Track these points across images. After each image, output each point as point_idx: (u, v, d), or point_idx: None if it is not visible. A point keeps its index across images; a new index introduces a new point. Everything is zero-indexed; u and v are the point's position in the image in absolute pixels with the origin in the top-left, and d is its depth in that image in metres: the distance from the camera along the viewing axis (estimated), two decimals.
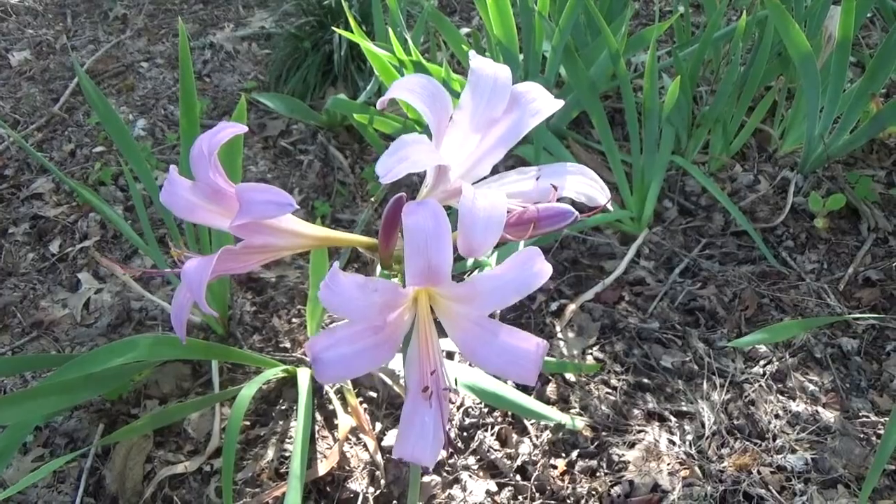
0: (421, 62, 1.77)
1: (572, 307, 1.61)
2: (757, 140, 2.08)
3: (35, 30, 2.87)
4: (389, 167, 0.36)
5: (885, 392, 1.45)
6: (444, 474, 1.34)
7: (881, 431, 1.36)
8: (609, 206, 0.43)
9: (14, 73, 2.60)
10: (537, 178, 0.43)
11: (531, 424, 1.41)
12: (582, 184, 0.43)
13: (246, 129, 0.43)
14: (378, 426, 1.43)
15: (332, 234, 0.48)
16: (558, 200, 0.42)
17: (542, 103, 0.44)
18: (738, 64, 1.81)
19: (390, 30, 1.79)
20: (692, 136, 1.97)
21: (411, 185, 1.83)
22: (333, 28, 2.08)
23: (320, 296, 0.38)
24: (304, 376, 1.40)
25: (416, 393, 0.40)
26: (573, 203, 0.43)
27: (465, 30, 2.27)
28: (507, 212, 0.41)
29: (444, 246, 0.37)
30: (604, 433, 1.39)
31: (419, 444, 0.40)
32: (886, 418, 1.38)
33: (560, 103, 0.44)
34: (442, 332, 0.45)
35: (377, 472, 1.34)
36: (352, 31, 1.83)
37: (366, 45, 1.78)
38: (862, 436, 1.36)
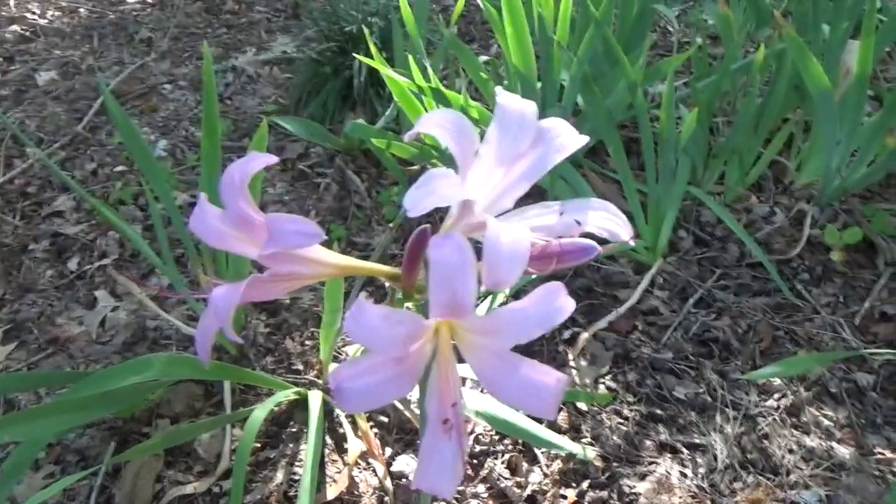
0: (440, 89, 1.79)
1: (585, 336, 1.61)
2: (773, 172, 2.08)
3: (62, 51, 2.93)
4: (417, 201, 0.37)
5: None
6: (454, 502, 1.33)
7: None
8: (631, 242, 0.44)
9: (40, 92, 2.65)
10: (561, 213, 0.44)
11: (542, 453, 1.40)
12: (605, 219, 0.44)
13: (277, 159, 0.44)
14: (388, 451, 1.42)
15: (356, 264, 0.49)
16: (581, 235, 0.43)
17: (566, 139, 0.45)
18: (756, 96, 1.81)
19: (410, 57, 1.82)
20: (708, 167, 1.97)
21: (429, 214, 1.83)
22: (354, 54, 2.11)
23: (346, 326, 0.38)
24: (315, 399, 1.40)
25: (435, 425, 0.40)
26: (595, 237, 0.43)
27: (483, 58, 2.29)
28: (531, 245, 0.41)
29: (468, 279, 0.38)
30: (615, 464, 1.37)
31: (438, 476, 0.41)
32: None
33: (585, 139, 0.45)
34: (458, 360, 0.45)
35: (386, 498, 1.34)
36: (372, 58, 1.86)
37: (385, 71, 1.81)
38: (877, 473, 1.35)
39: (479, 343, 0.40)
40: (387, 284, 0.48)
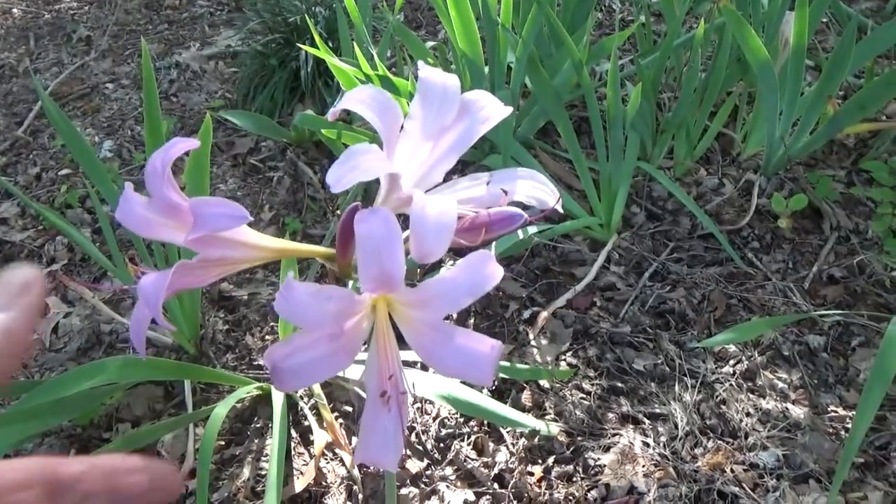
0: (387, 76, 1.78)
1: (545, 314, 1.63)
2: (720, 144, 2.12)
3: None
4: (340, 176, 0.37)
5: (852, 386, 1.48)
6: (422, 486, 1.33)
7: (849, 425, 1.39)
8: (559, 208, 0.44)
9: None
10: (488, 184, 0.44)
11: (507, 432, 1.42)
12: (532, 188, 0.45)
13: (198, 143, 0.44)
14: (354, 440, 1.42)
15: (289, 246, 0.49)
16: (510, 204, 0.44)
17: (491, 110, 0.45)
18: (698, 70, 1.84)
19: (356, 45, 1.80)
20: (657, 143, 2.00)
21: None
22: (299, 45, 2.08)
23: (275, 306, 0.38)
24: (278, 393, 1.39)
25: (374, 398, 0.41)
26: (525, 207, 0.44)
27: (430, 43, 2.29)
28: (459, 217, 0.42)
29: (395, 252, 0.38)
30: (579, 438, 1.40)
31: (380, 448, 0.41)
32: (854, 412, 1.41)
33: (509, 110, 0.45)
34: (402, 342, 0.46)
35: (355, 487, 1.34)
36: (317, 48, 1.84)
37: (332, 60, 1.79)
38: (831, 430, 1.39)
39: (414, 316, 0.41)
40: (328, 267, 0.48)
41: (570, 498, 1.30)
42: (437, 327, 0.40)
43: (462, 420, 1.45)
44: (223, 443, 1.43)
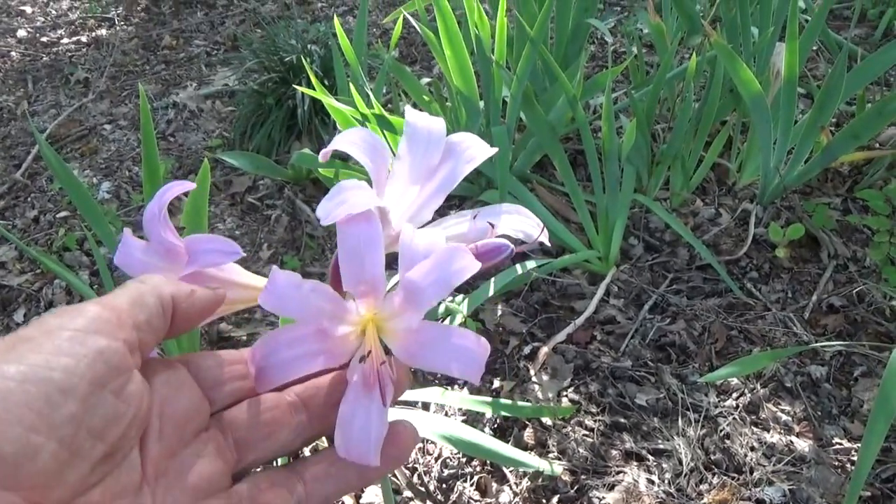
0: (383, 115, 1.80)
1: (545, 350, 1.61)
2: (716, 174, 2.13)
3: None
4: (329, 210, 0.38)
5: (856, 418, 1.46)
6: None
7: (855, 458, 1.37)
8: (545, 240, 0.45)
9: None
10: (475, 218, 0.45)
11: (510, 472, 1.40)
12: (517, 221, 0.46)
13: (194, 185, 0.44)
14: None
15: None
16: (496, 237, 0.45)
17: (475, 151, 0.46)
18: (692, 101, 1.86)
19: (351, 84, 1.82)
20: (653, 174, 2.01)
21: None
22: (295, 86, 2.10)
23: (259, 298, 0.39)
24: None
25: (356, 386, 0.40)
26: (513, 241, 0.45)
27: (426, 80, 2.31)
28: None
29: (376, 249, 0.39)
30: (583, 476, 1.37)
31: (359, 438, 0.40)
32: (859, 444, 1.39)
33: (493, 150, 0.46)
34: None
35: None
36: (314, 87, 1.85)
37: (327, 101, 1.80)
38: (836, 463, 1.37)
39: (400, 328, 0.41)
40: None
41: None
42: (422, 329, 0.40)
43: (464, 460, 1.43)
44: None
